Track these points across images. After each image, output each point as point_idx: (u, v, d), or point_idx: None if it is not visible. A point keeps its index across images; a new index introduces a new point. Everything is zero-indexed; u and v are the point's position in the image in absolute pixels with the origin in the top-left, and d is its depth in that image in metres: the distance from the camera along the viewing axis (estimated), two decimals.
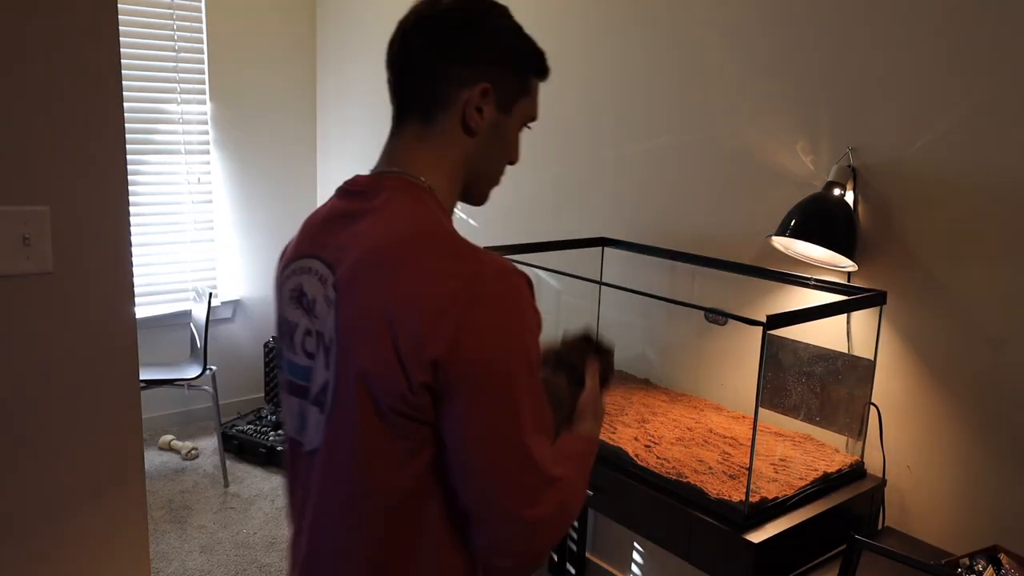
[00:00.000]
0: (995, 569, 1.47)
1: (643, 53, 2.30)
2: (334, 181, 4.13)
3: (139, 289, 3.65)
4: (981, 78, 1.59)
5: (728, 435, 1.88)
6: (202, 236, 3.89)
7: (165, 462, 3.52)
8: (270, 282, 4.02)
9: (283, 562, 2.74)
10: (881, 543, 1.54)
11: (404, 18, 0.97)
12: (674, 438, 1.86)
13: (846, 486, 1.73)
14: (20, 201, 1.22)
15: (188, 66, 3.70)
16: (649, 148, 2.30)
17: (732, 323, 1.65)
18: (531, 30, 1.01)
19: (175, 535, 2.90)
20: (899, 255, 1.75)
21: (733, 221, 2.11)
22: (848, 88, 1.81)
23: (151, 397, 3.59)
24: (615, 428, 1.91)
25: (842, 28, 1.81)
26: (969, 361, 1.65)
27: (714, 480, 1.64)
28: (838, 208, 1.74)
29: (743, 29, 2.03)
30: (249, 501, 3.18)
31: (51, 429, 1.30)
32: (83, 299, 1.30)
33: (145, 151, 3.64)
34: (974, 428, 1.66)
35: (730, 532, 1.53)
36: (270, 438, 3.57)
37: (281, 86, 3.98)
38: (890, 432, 1.78)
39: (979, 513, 1.66)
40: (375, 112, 3.65)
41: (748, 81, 2.03)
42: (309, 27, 4.02)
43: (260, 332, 4.08)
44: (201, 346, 3.27)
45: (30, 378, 1.27)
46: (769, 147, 1.99)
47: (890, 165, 1.75)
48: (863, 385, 1.80)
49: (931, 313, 1.71)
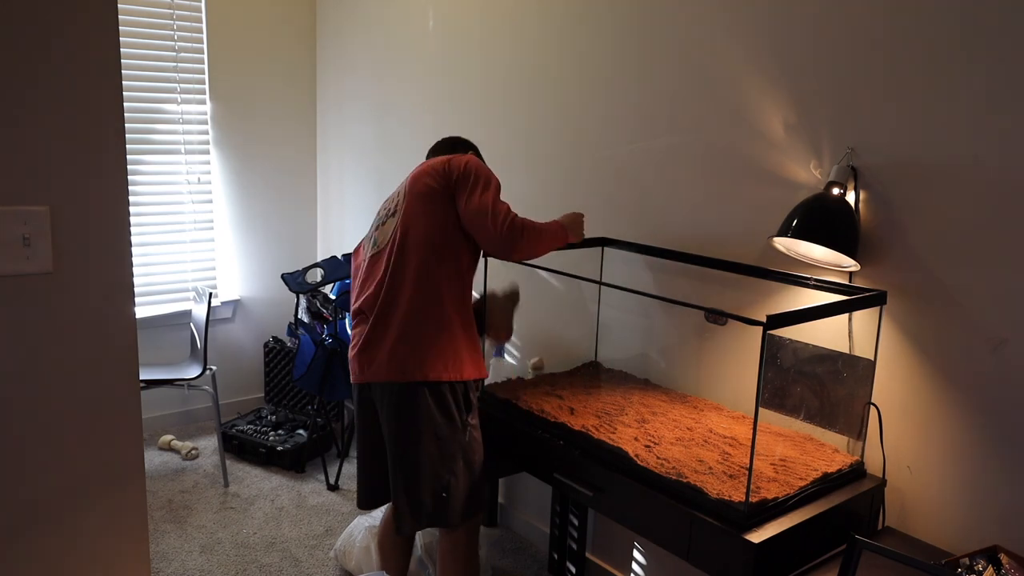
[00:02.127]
0: (995, 569, 1.47)
1: (643, 54, 2.30)
2: (334, 181, 4.14)
3: (139, 289, 3.65)
4: (982, 77, 1.59)
5: (728, 435, 1.88)
6: (202, 236, 3.89)
7: (165, 462, 3.52)
8: (270, 282, 4.03)
9: (283, 562, 2.74)
10: (881, 543, 1.54)
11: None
12: (674, 438, 1.86)
13: (846, 486, 1.73)
14: (20, 201, 1.22)
15: (188, 66, 3.70)
16: (648, 148, 2.30)
17: (732, 323, 1.65)
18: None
19: (175, 535, 2.90)
20: (900, 255, 1.75)
21: (733, 221, 2.10)
22: (848, 88, 1.81)
23: (151, 397, 3.59)
24: (615, 428, 1.91)
25: (842, 27, 1.81)
26: (970, 361, 1.65)
27: (714, 480, 1.64)
28: (839, 208, 1.74)
29: (743, 29, 2.03)
30: (249, 501, 3.18)
31: (51, 429, 1.30)
32: (83, 299, 1.30)
33: (145, 151, 3.64)
34: (974, 428, 1.66)
35: (730, 532, 1.53)
36: (270, 438, 3.57)
37: (281, 86, 3.98)
38: (890, 432, 1.78)
39: (979, 513, 1.66)
40: (375, 112, 3.65)
41: (748, 81, 2.03)
42: (309, 27, 4.02)
43: (260, 332, 4.08)
44: (201, 346, 3.27)
45: (30, 378, 1.27)
46: (769, 147, 1.99)
47: (890, 165, 1.75)
48: (863, 385, 1.80)
49: (932, 313, 1.71)
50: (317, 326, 3.43)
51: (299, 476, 3.42)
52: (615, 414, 2.01)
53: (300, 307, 3.47)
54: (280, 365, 3.91)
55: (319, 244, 4.24)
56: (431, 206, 2.00)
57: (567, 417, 1.98)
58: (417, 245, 1.99)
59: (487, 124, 2.95)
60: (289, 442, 3.54)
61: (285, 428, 3.68)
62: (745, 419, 2.01)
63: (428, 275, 1.98)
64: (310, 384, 3.39)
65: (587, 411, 2.03)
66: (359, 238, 3.85)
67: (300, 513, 3.10)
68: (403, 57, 3.41)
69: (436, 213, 1.99)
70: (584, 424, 1.93)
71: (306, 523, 3.02)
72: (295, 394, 3.87)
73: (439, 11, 3.16)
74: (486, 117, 2.95)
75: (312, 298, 3.43)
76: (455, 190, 1.99)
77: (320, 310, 3.43)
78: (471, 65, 3.01)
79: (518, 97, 2.78)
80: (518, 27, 2.74)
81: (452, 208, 1.99)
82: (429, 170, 2.05)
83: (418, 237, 1.99)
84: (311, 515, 3.09)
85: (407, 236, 2.00)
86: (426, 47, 3.25)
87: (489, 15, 2.89)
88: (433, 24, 3.20)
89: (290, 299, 3.69)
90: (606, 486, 1.80)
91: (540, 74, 2.68)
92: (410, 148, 3.43)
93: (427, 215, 1.99)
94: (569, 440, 1.92)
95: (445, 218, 1.99)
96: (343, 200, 3.99)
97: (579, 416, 1.99)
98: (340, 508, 3.15)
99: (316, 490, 3.30)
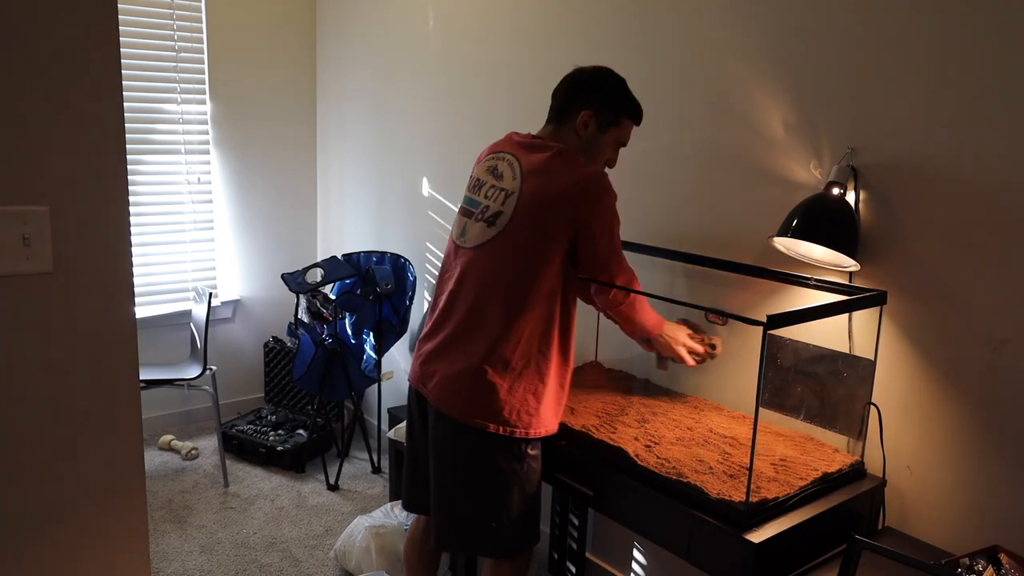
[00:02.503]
0: (995, 569, 1.47)
1: (643, 54, 2.30)
2: (334, 181, 4.14)
3: (139, 289, 3.65)
4: (982, 76, 1.59)
5: (728, 435, 1.88)
6: (202, 236, 3.89)
7: (165, 462, 3.52)
8: (270, 282, 4.03)
9: (283, 562, 2.74)
10: (881, 543, 1.54)
11: (567, 75, 1.91)
12: (674, 438, 1.86)
13: (846, 486, 1.73)
14: (20, 201, 1.22)
15: (188, 66, 3.70)
16: (647, 148, 2.29)
17: (732, 323, 1.65)
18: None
19: (175, 535, 2.90)
20: (900, 255, 1.75)
21: (733, 221, 2.10)
22: (848, 88, 1.81)
23: (151, 397, 3.59)
24: (615, 428, 1.91)
25: (842, 27, 1.81)
26: (970, 361, 1.65)
27: (714, 480, 1.64)
28: (839, 208, 1.74)
29: (743, 29, 2.03)
30: (249, 501, 3.18)
31: (51, 429, 1.30)
32: (83, 299, 1.30)
33: (145, 151, 3.64)
34: (974, 428, 1.66)
35: (730, 532, 1.53)
36: (270, 438, 3.57)
37: (281, 86, 3.98)
38: (890, 432, 1.78)
39: (979, 513, 1.66)
40: (375, 112, 3.65)
41: (748, 81, 2.02)
42: (309, 27, 4.02)
43: (260, 332, 4.08)
44: (201, 346, 3.27)
45: (30, 378, 1.27)
46: (769, 147, 1.99)
47: (890, 165, 1.75)
48: (863, 385, 1.80)
49: (932, 313, 1.71)
50: (317, 326, 3.43)
51: (299, 476, 3.42)
52: (615, 414, 2.01)
53: (300, 307, 3.47)
54: (280, 365, 3.91)
55: (319, 244, 4.24)
56: (543, 232, 1.76)
57: (567, 417, 1.98)
58: (519, 259, 1.77)
59: (487, 124, 2.95)
60: (289, 442, 3.54)
61: (285, 428, 3.68)
62: (745, 419, 2.01)
63: (524, 301, 1.76)
64: (310, 384, 3.39)
65: (587, 411, 2.03)
66: (359, 238, 3.86)
67: (300, 513, 3.10)
68: (403, 57, 3.41)
69: (548, 231, 1.76)
70: (584, 424, 1.93)
71: (306, 523, 3.02)
72: (295, 394, 3.87)
73: (439, 11, 3.16)
74: (486, 117, 2.95)
75: (312, 298, 3.43)
76: (578, 228, 1.76)
77: (320, 310, 3.43)
78: (471, 65, 3.01)
79: (518, 97, 2.78)
80: (518, 27, 2.74)
81: (568, 234, 1.77)
82: (552, 185, 1.77)
83: (521, 249, 1.77)
84: (311, 515, 3.09)
85: (507, 245, 1.78)
86: (426, 47, 3.25)
87: (489, 15, 2.89)
88: (433, 24, 3.20)
89: (290, 299, 3.69)
90: (606, 486, 1.80)
91: (541, 75, 2.67)
92: (410, 149, 3.43)
93: (537, 228, 1.76)
94: (569, 440, 1.92)
95: (558, 245, 1.77)
96: (343, 200, 3.99)
97: (579, 416, 1.99)
98: (340, 508, 3.15)
99: (316, 490, 3.30)
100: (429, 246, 3.39)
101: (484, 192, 1.88)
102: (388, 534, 2.61)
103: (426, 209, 3.36)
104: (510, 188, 1.81)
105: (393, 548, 2.57)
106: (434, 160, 3.29)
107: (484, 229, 1.83)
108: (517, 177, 1.81)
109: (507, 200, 1.80)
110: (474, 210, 1.88)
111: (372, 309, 3.32)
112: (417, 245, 3.46)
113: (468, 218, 1.90)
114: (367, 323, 3.38)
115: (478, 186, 1.92)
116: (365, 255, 3.50)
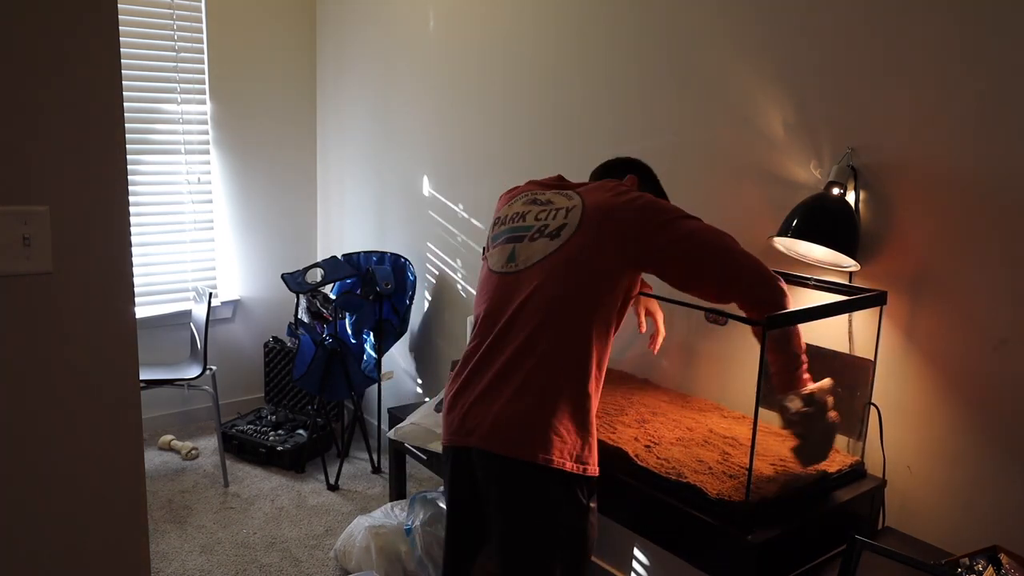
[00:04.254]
0: (995, 569, 1.47)
1: (643, 54, 2.30)
2: (334, 181, 4.14)
3: (139, 289, 3.65)
4: (983, 76, 1.59)
5: (728, 435, 1.87)
6: (202, 236, 3.89)
7: (165, 462, 3.52)
8: (270, 282, 4.03)
9: (283, 562, 2.74)
10: (881, 543, 1.54)
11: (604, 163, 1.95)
12: (674, 438, 1.86)
13: (846, 486, 1.73)
14: (20, 201, 1.22)
15: (188, 66, 3.70)
16: (648, 148, 2.29)
17: (732, 323, 1.65)
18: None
19: (175, 535, 2.90)
20: (900, 255, 1.75)
21: (733, 221, 2.10)
22: (848, 88, 1.81)
23: (151, 397, 3.59)
24: (615, 428, 1.91)
25: (842, 26, 1.81)
26: (970, 361, 1.65)
27: (714, 480, 1.64)
28: (839, 208, 1.74)
29: (743, 29, 2.03)
30: (249, 501, 3.18)
31: (51, 429, 1.30)
32: (83, 299, 1.30)
33: (145, 151, 3.64)
34: (974, 428, 1.66)
35: (730, 532, 1.53)
36: (270, 438, 3.57)
37: (281, 86, 3.98)
38: (890, 432, 1.78)
39: (979, 513, 1.66)
40: (375, 112, 3.65)
41: (748, 81, 2.02)
42: (309, 27, 4.02)
43: (260, 332, 4.08)
44: (201, 346, 3.27)
45: (30, 378, 1.27)
46: (769, 147, 1.99)
47: (890, 165, 1.75)
48: (863, 385, 1.79)
49: (932, 313, 1.71)
50: (317, 326, 3.43)
51: (299, 476, 3.42)
52: (615, 414, 2.01)
53: (300, 307, 3.47)
54: (280, 365, 3.92)
55: (319, 244, 4.24)
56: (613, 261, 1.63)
57: None
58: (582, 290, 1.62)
59: (487, 124, 2.96)
60: (289, 442, 3.54)
61: (285, 428, 3.68)
62: (745, 419, 2.01)
63: (580, 333, 1.62)
64: (310, 384, 3.39)
65: None
66: (359, 238, 3.86)
67: (300, 513, 3.10)
68: (403, 57, 3.41)
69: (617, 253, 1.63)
70: None
71: (306, 523, 3.02)
72: (295, 394, 3.87)
73: (439, 11, 3.16)
74: (486, 118, 2.95)
75: (312, 298, 3.43)
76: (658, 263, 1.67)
77: (320, 310, 3.43)
78: (471, 65, 3.01)
79: (518, 98, 2.78)
80: (518, 28, 2.74)
81: (632, 252, 1.63)
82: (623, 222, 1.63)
83: (583, 281, 1.62)
84: (311, 515, 3.09)
85: (570, 273, 1.62)
86: (426, 47, 3.25)
87: (489, 15, 2.89)
88: (433, 24, 3.20)
89: (290, 299, 3.69)
90: (606, 486, 1.80)
91: (540, 75, 2.67)
92: (410, 149, 3.43)
93: (604, 255, 1.62)
94: None
95: (624, 268, 1.65)
96: (343, 200, 3.99)
97: None
98: (340, 508, 3.15)
99: (316, 490, 3.30)
100: (429, 246, 3.39)
101: (535, 216, 1.73)
102: (388, 534, 2.60)
103: (426, 209, 3.36)
104: (569, 205, 1.70)
105: (393, 548, 2.57)
106: (434, 159, 3.29)
107: (547, 243, 1.67)
108: (574, 197, 1.71)
109: (570, 213, 1.67)
110: (524, 234, 1.72)
111: (372, 309, 3.32)
112: (417, 245, 3.46)
113: (516, 243, 1.72)
114: (367, 323, 3.38)
115: (520, 216, 1.76)
116: (365, 255, 3.50)
